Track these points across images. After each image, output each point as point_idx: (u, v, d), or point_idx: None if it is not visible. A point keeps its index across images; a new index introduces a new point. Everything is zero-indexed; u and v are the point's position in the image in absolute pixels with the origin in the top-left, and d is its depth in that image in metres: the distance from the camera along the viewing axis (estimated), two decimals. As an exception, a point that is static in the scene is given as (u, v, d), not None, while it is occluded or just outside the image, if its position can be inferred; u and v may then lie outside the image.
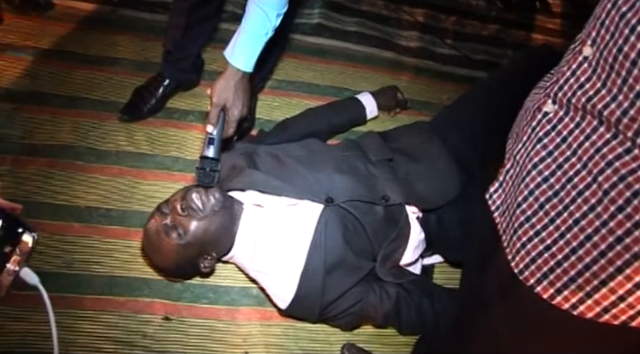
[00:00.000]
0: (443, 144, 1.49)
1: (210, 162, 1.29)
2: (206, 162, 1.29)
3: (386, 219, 1.34)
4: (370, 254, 1.34)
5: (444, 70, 2.17)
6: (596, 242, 0.64)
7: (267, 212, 1.34)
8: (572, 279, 0.67)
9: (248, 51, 1.24)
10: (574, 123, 0.68)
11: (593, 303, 0.66)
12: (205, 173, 1.29)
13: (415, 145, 1.50)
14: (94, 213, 1.50)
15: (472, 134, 1.50)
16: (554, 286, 0.69)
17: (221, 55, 1.30)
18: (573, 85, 0.68)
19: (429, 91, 2.05)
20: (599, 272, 0.64)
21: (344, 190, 1.33)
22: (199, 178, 1.29)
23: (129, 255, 1.44)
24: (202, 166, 1.29)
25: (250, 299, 1.43)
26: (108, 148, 1.63)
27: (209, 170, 1.28)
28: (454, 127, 1.52)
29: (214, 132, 1.29)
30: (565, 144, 0.69)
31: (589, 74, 0.66)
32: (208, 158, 1.29)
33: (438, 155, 1.47)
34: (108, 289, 1.38)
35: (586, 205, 0.65)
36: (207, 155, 1.29)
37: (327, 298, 1.28)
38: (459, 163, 1.46)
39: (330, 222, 1.29)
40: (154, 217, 1.30)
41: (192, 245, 1.27)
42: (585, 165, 0.65)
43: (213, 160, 1.29)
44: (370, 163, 1.42)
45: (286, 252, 1.30)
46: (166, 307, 1.37)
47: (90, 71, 1.79)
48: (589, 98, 0.65)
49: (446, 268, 1.57)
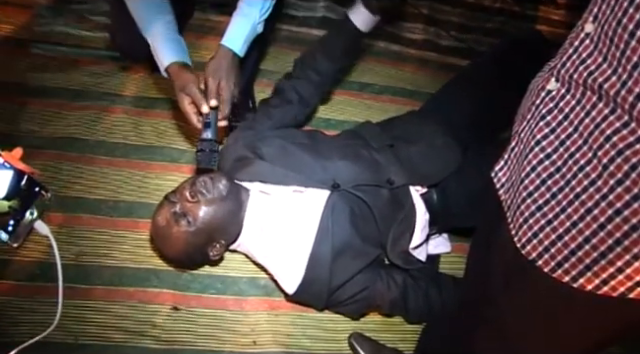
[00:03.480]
0: (436, 123, 1.54)
1: (209, 143, 1.32)
2: (204, 144, 1.32)
3: (392, 202, 1.37)
4: (377, 240, 1.36)
5: (449, 62, 2.19)
6: (596, 215, 0.66)
7: (273, 198, 1.36)
8: (572, 252, 0.69)
9: (238, 33, 1.37)
10: (575, 100, 0.70)
11: (592, 275, 0.68)
12: (205, 154, 1.32)
13: (411, 130, 1.54)
14: (103, 205, 1.53)
15: (461, 110, 1.57)
16: (555, 259, 0.71)
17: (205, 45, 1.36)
18: (575, 61, 0.69)
19: (434, 83, 2.03)
20: (598, 244, 0.66)
21: (350, 175, 1.36)
22: (200, 160, 1.33)
23: (138, 246, 1.47)
24: (201, 148, 1.33)
25: (258, 289, 1.46)
26: (116, 140, 1.66)
27: (208, 151, 1.32)
28: (444, 107, 1.60)
29: (211, 114, 1.32)
30: (567, 121, 0.70)
31: (591, 50, 0.67)
32: (206, 140, 1.32)
33: (434, 134, 1.51)
34: (117, 280, 1.41)
35: (587, 179, 0.67)
36: (206, 137, 1.32)
37: (334, 283, 1.30)
38: (455, 138, 1.51)
39: (337, 207, 1.32)
40: (163, 206, 1.32)
41: (201, 232, 1.30)
42: (586, 141, 0.67)
43: (211, 141, 1.32)
44: (373, 149, 1.45)
45: (293, 237, 1.32)
46: (175, 297, 1.40)
47: (96, 65, 1.83)
48: (590, 73, 0.67)
49: (452, 258, 1.59)
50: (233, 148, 1.44)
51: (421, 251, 1.45)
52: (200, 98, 1.31)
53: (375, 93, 2.00)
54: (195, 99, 1.31)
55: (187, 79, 1.32)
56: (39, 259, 1.40)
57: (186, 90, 1.31)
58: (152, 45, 1.37)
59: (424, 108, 1.69)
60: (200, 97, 1.31)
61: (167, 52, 1.35)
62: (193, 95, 1.31)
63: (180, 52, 1.37)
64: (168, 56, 1.35)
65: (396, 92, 2.02)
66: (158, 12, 1.37)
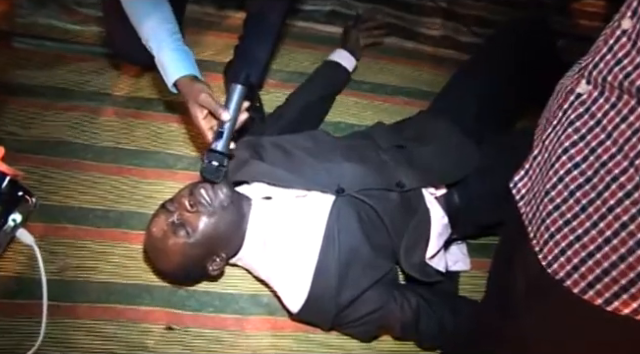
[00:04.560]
0: (449, 121, 1.57)
1: (218, 156, 1.30)
2: (213, 156, 1.30)
3: (403, 206, 1.39)
4: (389, 250, 1.38)
5: None
6: (632, 231, 0.65)
7: (275, 206, 1.38)
8: (605, 271, 0.68)
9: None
10: (609, 104, 0.70)
11: (629, 298, 0.67)
12: (212, 168, 1.30)
13: (422, 130, 1.57)
14: (90, 214, 1.54)
15: (471, 104, 1.61)
16: (585, 279, 0.71)
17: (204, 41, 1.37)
18: (610, 61, 0.69)
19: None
20: (636, 264, 0.65)
21: (355, 179, 1.38)
22: (205, 172, 1.31)
23: (128, 259, 1.48)
24: (209, 160, 1.30)
25: (260, 308, 1.46)
26: (105, 144, 1.67)
27: (217, 165, 1.30)
28: (453, 103, 1.65)
29: (225, 125, 1.30)
30: (599, 127, 0.70)
31: (628, 49, 0.67)
32: (216, 152, 1.30)
33: (448, 132, 1.54)
34: (105, 297, 1.41)
35: (621, 191, 0.66)
36: (215, 148, 1.30)
37: (343, 299, 1.31)
38: (468, 134, 1.54)
39: (343, 214, 1.34)
40: (159, 215, 1.33)
41: (201, 244, 1.31)
42: (621, 148, 0.67)
43: (222, 155, 1.30)
44: (381, 150, 1.47)
45: (297, 248, 1.34)
46: (168, 316, 1.41)
47: (84, 61, 1.84)
48: (627, 74, 0.66)
49: (470, 275, 1.60)
50: (235, 151, 1.42)
51: (439, 260, 1.45)
52: (218, 106, 1.29)
53: (388, 94, 2.01)
54: (212, 108, 1.30)
55: (200, 89, 1.31)
56: (19, 273, 1.40)
57: (200, 100, 1.30)
58: (157, 57, 1.37)
59: (433, 106, 1.74)
60: (217, 105, 1.29)
61: (175, 65, 1.35)
62: (209, 105, 1.30)
63: (189, 64, 1.37)
64: (176, 70, 1.35)
65: (411, 93, 2.04)
66: (162, 20, 1.37)
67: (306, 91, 1.79)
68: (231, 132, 1.31)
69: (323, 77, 1.87)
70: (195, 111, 1.33)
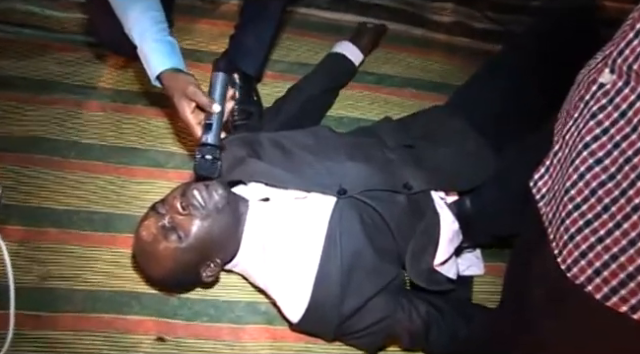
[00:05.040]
0: (466, 122, 1.56)
1: (210, 150, 1.32)
2: (205, 150, 1.33)
3: (410, 210, 1.39)
4: (394, 255, 1.38)
5: (484, 49, 2.19)
6: None
7: (274, 209, 1.39)
8: (630, 276, 0.69)
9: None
10: (635, 94, 0.70)
11: None
12: (206, 162, 1.33)
13: (435, 129, 1.57)
14: (74, 217, 1.54)
15: (495, 104, 1.58)
16: (608, 284, 0.71)
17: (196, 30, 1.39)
18: (637, 48, 0.69)
19: (464, 73, 2.02)
20: None
21: (359, 179, 1.38)
22: (199, 169, 1.33)
23: (116, 265, 1.48)
24: (201, 154, 1.33)
25: (258, 316, 1.47)
26: (91, 141, 1.68)
27: (211, 159, 1.33)
28: (474, 101, 1.63)
29: (213, 116, 1.33)
30: (623, 119, 0.71)
31: None
32: (208, 145, 1.32)
33: (464, 134, 1.54)
34: (90, 305, 1.41)
35: None
36: (205, 141, 1.33)
37: (346, 307, 1.31)
38: (488, 137, 1.53)
39: (345, 216, 1.34)
40: (148, 218, 1.34)
41: (194, 249, 1.31)
42: None
43: (214, 147, 1.33)
44: (387, 148, 1.48)
45: (297, 254, 1.34)
46: (159, 326, 1.41)
47: (66, 51, 1.85)
48: None
49: (485, 280, 1.61)
50: (229, 148, 1.46)
51: (450, 267, 1.45)
52: (206, 98, 1.32)
53: (395, 86, 2.02)
54: (201, 102, 1.32)
55: (187, 81, 1.33)
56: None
57: (187, 93, 1.32)
58: (140, 48, 1.38)
59: (451, 102, 1.72)
60: (206, 97, 1.32)
61: (158, 57, 1.37)
62: (196, 97, 1.32)
63: (173, 57, 1.38)
64: (159, 62, 1.36)
65: (420, 85, 2.04)
66: (146, 8, 1.38)
67: (308, 84, 1.80)
68: (220, 122, 1.34)
69: (327, 70, 1.88)
70: (182, 105, 1.34)
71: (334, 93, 1.90)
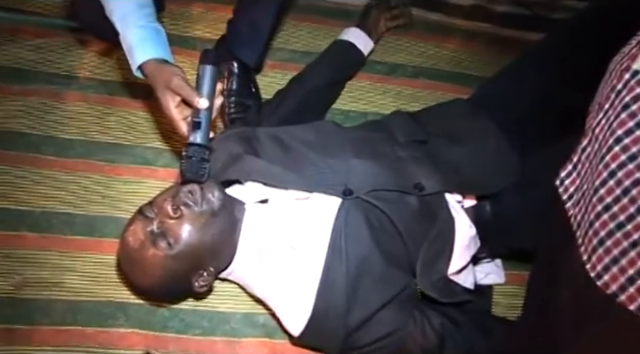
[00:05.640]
0: (491, 120, 1.56)
1: (197, 150, 1.31)
2: (193, 150, 1.31)
3: (422, 213, 1.38)
4: (405, 262, 1.38)
5: (506, 35, 2.19)
6: None
7: (272, 211, 1.39)
8: None
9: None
10: None
11: None
12: (193, 164, 1.31)
13: (455, 125, 1.57)
14: (54, 220, 1.55)
15: (525, 103, 1.56)
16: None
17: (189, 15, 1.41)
18: None
19: (485, 64, 2.08)
20: None
21: (366, 178, 1.38)
22: (185, 169, 1.31)
23: (99, 273, 1.50)
24: (188, 154, 1.31)
25: (255, 329, 1.48)
26: (71, 136, 1.69)
27: (197, 159, 1.31)
28: (502, 97, 1.61)
29: (202, 113, 1.31)
30: None
31: None
32: (195, 145, 1.31)
33: (487, 133, 1.54)
34: (71, 317, 1.43)
35: None
36: (193, 141, 1.31)
37: (352, 319, 1.31)
38: (514, 140, 1.52)
39: (351, 219, 1.34)
40: (136, 222, 1.33)
41: (185, 257, 1.31)
42: None
43: (202, 148, 1.31)
44: (398, 145, 1.48)
45: (298, 260, 1.34)
46: (147, 339, 1.42)
47: (44, 37, 1.85)
48: None
49: (505, 290, 1.62)
50: (224, 144, 1.47)
51: (466, 276, 1.46)
52: (192, 92, 1.29)
53: (407, 77, 2.02)
54: (187, 95, 1.29)
55: (172, 73, 1.31)
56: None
57: (172, 86, 1.30)
58: (121, 34, 1.37)
59: (475, 97, 1.71)
60: (192, 91, 1.30)
61: (141, 45, 1.35)
62: (182, 90, 1.29)
63: (159, 45, 1.37)
64: (142, 51, 1.35)
65: (435, 75, 2.05)
66: None
67: (312, 75, 1.81)
68: (209, 120, 1.33)
69: (333, 60, 1.88)
70: (166, 99, 1.33)
71: (340, 85, 1.91)
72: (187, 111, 1.34)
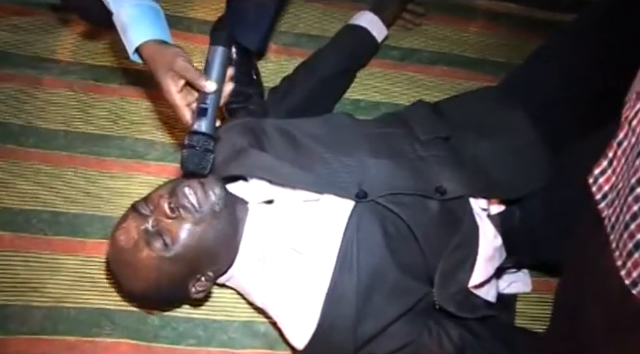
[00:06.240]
0: (523, 112, 1.55)
1: (202, 139, 1.30)
2: (197, 139, 1.30)
3: (443, 219, 1.39)
4: (421, 272, 1.38)
5: (536, 17, 2.18)
6: None
7: (278, 212, 1.41)
8: None
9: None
10: None
11: None
12: (194, 154, 1.30)
13: (483, 117, 1.57)
14: (33, 219, 1.57)
15: (561, 96, 1.55)
16: None
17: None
18: None
19: (509, 48, 2.09)
20: None
21: (382, 180, 1.38)
22: (188, 162, 1.31)
23: (83, 277, 1.51)
24: (191, 144, 1.30)
25: (255, 339, 1.50)
26: (53, 126, 1.71)
27: (200, 150, 1.30)
28: (533, 87, 1.61)
29: (209, 98, 1.31)
30: None
31: None
32: (200, 134, 1.30)
33: (518, 127, 1.54)
34: (52, 326, 1.44)
35: None
36: (198, 129, 1.31)
37: (362, 333, 1.32)
38: (548, 136, 1.52)
39: (364, 224, 1.34)
40: (128, 220, 1.34)
41: (182, 259, 1.32)
42: None
43: (207, 137, 1.31)
44: (418, 143, 1.48)
45: (304, 267, 1.35)
46: (136, 350, 1.44)
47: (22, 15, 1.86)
48: None
49: (532, 299, 1.63)
50: (227, 135, 1.47)
51: (489, 289, 1.46)
52: (199, 74, 1.30)
53: (424, 63, 2.04)
54: (192, 78, 1.30)
55: (174, 54, 1.32)
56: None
57: (175, 68, 1.31)
58: (115, 14, 1.38)
59: (504, 85, 1.71)
60: (199, 73, 1.30)
61: (138, 26, 1.36)
62: (186, 73, 1.30)
63: (157, 26, 1.38)
64: (139, 32, 1.36)
65: (454, 61, 2.06)
66: None
67: (321, 63, 1.82)
68: (217, 107, 1.33)
69: (344, 46, 1.89)
70: (167, 83, 1.33)
71: (352, 74, 1.92)
72: (191, 97, 1.34)
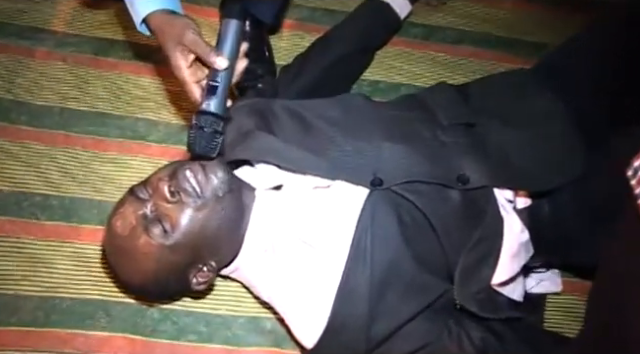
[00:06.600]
0: (557, 99, 1.54)
1: (211, 119, 1.30)
2: (205, 120, 1.30)
3: (465, 211, 1.38)
4: (440, 267, 1.38)
5: None
6: None
7: (287, 199, 1.40)
8: None
9: None
10: None
11: None
12: (203, 136, 1.30)
13: (512, 102, 1.56)
14: (24, 202, 1.58)
15: (600, 82, 1.53)
16: None
17: None
18: None
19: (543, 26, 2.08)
20: None
21: (400, 166, 1.37)
22: (195, 144, 1.30)
23: (78, 265, 1.52)
24: (199, 124, 1.30)
25: (261, 336, 1.50)
26: (47, 103, 1.71)
27: (209, 131, 1.30)
28: (572, 74, 1.58)
29: (220, 76, 1.31)
30: None
31: None
32: (209, 113, 1.30)
33: (550, 115, 1.52)
34: (43, 317, 1.45)
35: None
36: (206, 109, 1.30)
37: (376, 332, 1.32)
38: (582, 126, 1.50)
39: (379, 215, 1.33)
40: (125, 205, 1.33)
41: (183, 247, 1.32)
42: None
43: (216, 117, 1.30)
44: (440, 128, 1.47)
45: (314, 259, 1.35)
46: (133, 345, 1.44)
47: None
48: None
49: (562, 300, 1.63)
50: (234, 118, 1.46)
51: (514, 288, 1.45)
52: (210, 49, 1.29)
53: (449, 42, 2.05)
54: (202, 53, 1.30)
55: (184, 26, 1.32)
56: None
57: (184, 41, 1.31)
58: None
59: (538, 68, 1.68)
60: (210, 48, 1.30)
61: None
62: (197, 47, 1.30)
63: None
64: (148, 1, 1.36)
65: (482, 41, 2.06)
66: None
67: (338, 40, 1.81)
68: (228, 85, 1.33)
69: (363, 23, 1.89)
70: (176, 58, 1.33)
71: (370, 53, 1.92)
72: (201, 73, 1.35)
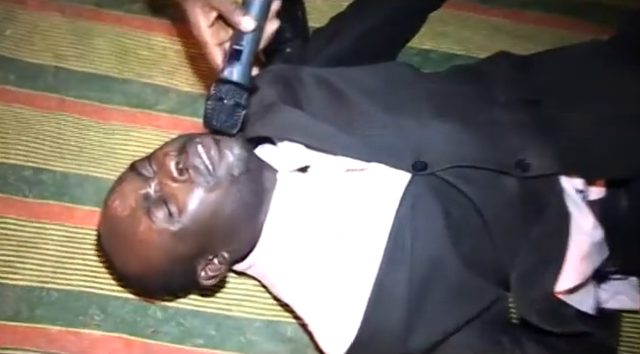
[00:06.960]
0: (635, 71, 1.48)
1: (233, 90, 1.27)
2: (226, 90, 1.27)
3: (524, 203, 1.34)
4: (494, 268, 1.35)
5: None
6: None
7: (314, 184, 1.37)
8: None
9: None
10: None
11: None
12: (223, 108, 1.27)
13: (586, 77, 1.51)
14: (12, 176, 1.57)
15: None
16: None
17: None
18: None
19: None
20: None
21: (447, 148, 1.34)
22: (211, 116, 1.28)
23: (69, 252, 1.50)
24: (218, 94, 1.27)
25: (280, 343, 1.48)
26: (40, 61, 1.69)
27: (230, 103, 1.27)
28: None
29: (245, 39, 1.29)
30: None
31: None
32: (231, 83, 1.27)
33: (632, 92, 1.46)
34: (28, 311, 1.43)
35: None
36: (228, 77, 1.28)
37: (414, 343, 1.29)
38: None
39: (421, 205, 1.30)
40: (126, 182, 1.31)
41: (190, 234, 1.28)
42: None
43: (239, 88, 1.28)
44: (497, 104, 1.44)
45: (344, 257, 1.32)
46: (131, 347, 1.42)
47: None
48: None
49: None
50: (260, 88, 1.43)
51: (584, 297, 1.41)
52: (236, 8, 1.26)
53: (515, 7, 2.06)
54: (226, 11, 1.27)
55: None
56: None
57: None
58: None
59: (618, 39, 1.62)
60: (235, 6, 1.26)
61: None
62: (221, 4, 1.28)
63: None
64: None
65: (554, 6, 2.07)
66: None
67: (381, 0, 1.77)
68: (254, 51, 1.29)
69: None
70: (196, 14, 1.30)
71: (420, 18, 1.86)
72: (224, 34, 1.32)
